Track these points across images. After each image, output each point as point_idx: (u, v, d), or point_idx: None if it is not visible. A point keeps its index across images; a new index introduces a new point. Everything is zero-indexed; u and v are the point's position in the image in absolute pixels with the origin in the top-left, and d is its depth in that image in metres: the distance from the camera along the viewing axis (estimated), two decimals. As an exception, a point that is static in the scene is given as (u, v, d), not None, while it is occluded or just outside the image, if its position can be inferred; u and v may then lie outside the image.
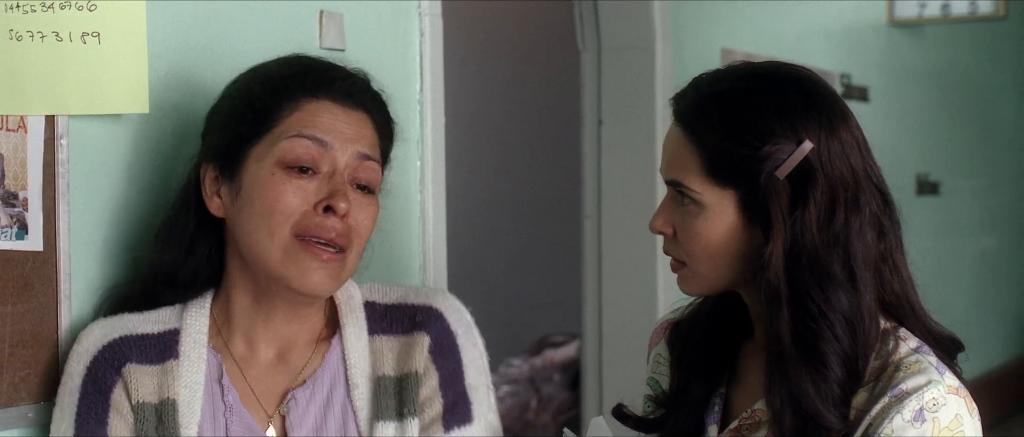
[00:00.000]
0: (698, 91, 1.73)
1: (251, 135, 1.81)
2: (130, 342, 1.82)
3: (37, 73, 1.81)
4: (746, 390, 1.78)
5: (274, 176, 1.78)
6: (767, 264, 1.64)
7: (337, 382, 1.85)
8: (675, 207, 1.74)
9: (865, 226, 1.66)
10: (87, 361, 1.81)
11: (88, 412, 1.79)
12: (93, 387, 1.80)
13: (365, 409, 1.84)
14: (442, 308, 1.89)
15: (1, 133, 1.79)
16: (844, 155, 1.66)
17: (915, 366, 1.64)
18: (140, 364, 1.81)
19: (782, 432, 1.65)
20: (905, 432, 1.60)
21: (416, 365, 1.84)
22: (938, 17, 5.23)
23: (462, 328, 1.89)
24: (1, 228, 1.79)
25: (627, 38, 3.61)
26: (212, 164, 1.85)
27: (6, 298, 1.80)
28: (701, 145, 1.68)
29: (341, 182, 1.79)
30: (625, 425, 1.88)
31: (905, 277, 1.70)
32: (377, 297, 1.91)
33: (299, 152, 1.78)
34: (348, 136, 1.81)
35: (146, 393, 1.80)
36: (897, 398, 1.62)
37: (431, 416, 1.84)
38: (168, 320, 1.86)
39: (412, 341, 1.86)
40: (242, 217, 1.81)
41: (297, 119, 1.80)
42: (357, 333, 1.87)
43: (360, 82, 1.88)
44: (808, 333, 1.63)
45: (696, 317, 1.85)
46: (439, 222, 2.59)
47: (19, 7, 1.80)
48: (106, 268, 1.94)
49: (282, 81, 1.83)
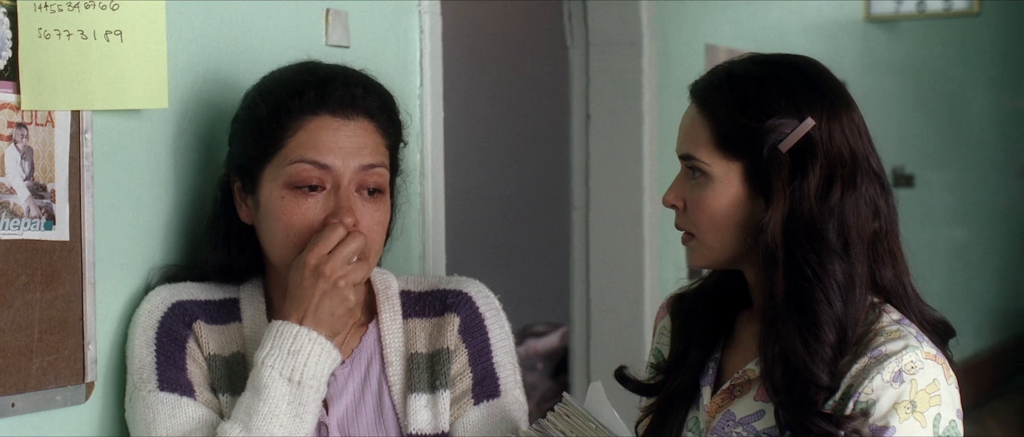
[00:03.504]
0: (714, 74, 1.85)
1: (262, 155, 1.94)
2: (195, 305, 1.97)
3: (64, 70, 1.88)
4: (739, 353, 1.90)
5: (284, 199, 1.91)
6: (766, 228, 1.75)
7: (373, 360, 1.99)
8: (685, 182, 1.85)
9: (861, 203, 1.77)
10: (159, 316, 1.95)
11: (168, 359, 1.92)
12: (168, 339, 1.93)
13: (399, 384, 1.98)
14: (471, 293, 2.04)
15: (31, 127, 1.86)
16: (844, 136, 1.78)
17: (895, 333, 1.75)
18: (208, 323, 1.96)
19: (773, 386, 1.75)
20: (884, 391, 1.70)
21: (447, 343, 1.99)
22: (914, 13, 5.31)
23: (490, 311, 2.04)
24: (31, 219, 1.86)
25: (614, 35, 3.68)
26: (237, 177, 1.98)
27: (35, 286, 1.87)
28: (712, 118, 1.80)
29: (346, 196, 1.91)
30: (626, 388, 1.99)
31: (900, 262, 1.81)
32: (412, 286, 2.06)
33: (304, 176, 1.90)
34: (349, 151, 1.92)
35: (216, 347, 1.95)
36: (876, 359, 1.72)
37: (462, 389, 1.98)
38: (227, 291, 2.01)
39: (443, 322, 2.00)
40: (264, 230, 1.95)
41: (299, 141, 1.91)
42: (392, 317, 2.01)
43: (358, 88, 1.97)
44: (802, 295, 1.74)
45: (699, 290, 1.97)
46: (438, 212, 2.67)
47: (46, 7, 1.86)
48: (128, 257, 2.02)
49: (284, 101, 1.93)
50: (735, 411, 1.84)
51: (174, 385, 1.91)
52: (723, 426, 1.85)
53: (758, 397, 1.82)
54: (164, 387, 1.91)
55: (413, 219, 2.59)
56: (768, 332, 1.77)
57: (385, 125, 1.99)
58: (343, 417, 1.97)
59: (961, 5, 5.28)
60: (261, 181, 1.94)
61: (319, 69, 1.99)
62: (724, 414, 1.85)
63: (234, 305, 2.00)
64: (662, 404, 1.94)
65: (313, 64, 2.01)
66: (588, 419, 1.84)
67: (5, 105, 1.83)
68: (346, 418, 1.97)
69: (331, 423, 1.95)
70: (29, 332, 1.86)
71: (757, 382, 1.83)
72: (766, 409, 1.81)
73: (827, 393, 1.73)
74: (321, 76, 1.96)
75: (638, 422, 1.99)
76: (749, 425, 1.82)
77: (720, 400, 1.87)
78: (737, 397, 1.85)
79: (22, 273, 1.85)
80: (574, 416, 1.84)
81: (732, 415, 1.85)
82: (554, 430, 1.84)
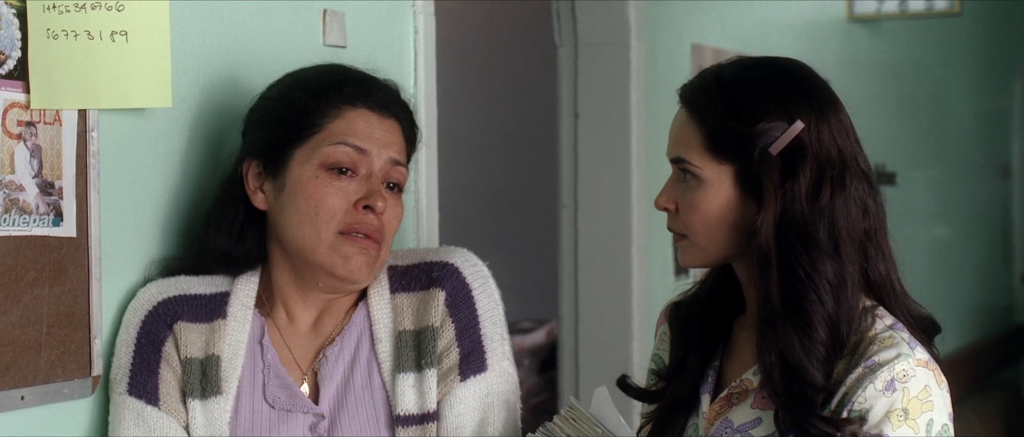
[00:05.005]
0: (703, 77, 1.88)
1: (295, 138, 1.98)
2: (183, 301, 2.00)
3: (71, 70, 1.92)
4: (737, 363, 1.92)
5: (318, 178, 1.96)
6: (758, 231, 1.78)
7: (363, 338, 2.02)
8: (677, 184, 1.87)
9: (850, 203, 1.80)
10: (142, 315, 1.99)
11: (142, 362, 1.96)
12: (147, 340, 1.97)
13: (388, 361, 2.00)
14: (458, 263, 2.05)
15: (40, 126, 1.90)
16: (833, 138, 1.80)
17: (888, 341, 1.78)
18: (190, 322, 1.99)
19: (773, 390, 1.79)
20: (877, 400, 1.74)
21: (433, 319, 2.00)
22: (896, 13, 5.32)
23: (478, 281, 2.05)
24: (40, 215, 1.90)
25: (602, 34, 3.71)
26: (256, 161, 2.01)
27: (44, 281, 1.91)
28: (703, 123, 1.83)
29: (377, 184, 1.98)
30: (627, 395, 2.02)
31: (888, 258, 1.85)
32: (399, 261, 2.08)
33: (341, 157, 1.96)
34: (383, 142, 2.00)
35: (194, 349, 1.97)
36: (870, 369, 1.75)
37: (448, 365, 2.00)
38: (220, 285, 2.04)
39: (428, 297, 2.02)
40: (287, 212, 1.98)
41: (338, 126, 1.98)
42: (380, 293, 2.04)
43: (392, 93, 2.07)
44: (795, 295, 1.77)
45: (695, 297, 2.00)
46: (432, 209, 2.71)
47: (55, 8, 1.90)
48: (132, 252, 2.06)
49: (324, 89, 2.00)
50: (733, 418, 1.87)
51: (142, 391, 1.96)
52: (721, 433, 1.88)
53: (755, 405, 1.86)
54: (132, 392, 1.96)
55: (408, 215, 2.63)
56: (765, 336, 1.80)
57: (408, 132, 2.08)
58: (334, 399, 1.99)
59: (943, 5, 5.30)
60: (290, 163, 1.99)
61: (352, 69, 2.08)
62: (722, 421, 1.88)
63: (223, 300, 2.03)
64: (663, 411, 1.96)
65: (347, 66, 2.09)
66: (594, 424, 1.86)
67: (15, 104, 1.87)
68: (337, 400, 1.99)
69: (323, 404, 1.99)
70: (38, 326, 1.90)
71: (754, 391, 1.85)
72: (763, 417, 1.84)
73: (824, 394, 1.76)
74: (358, 75, 2.06)
75: (639, 428, 2.01)
76: (746, 432, 1.85)
77: (718, 407, 1.90)
78: (735, 404, 1.88)
79: (31, 269, 1.89)
80: (580, 420, 1.86)
81: (730, 422, 1.87)
82: (560, 433, 1.85)
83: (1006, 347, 7.02)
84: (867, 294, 1.84)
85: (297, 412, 1.98)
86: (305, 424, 1.97)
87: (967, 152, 6.64)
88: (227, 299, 2.02)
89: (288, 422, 1.97)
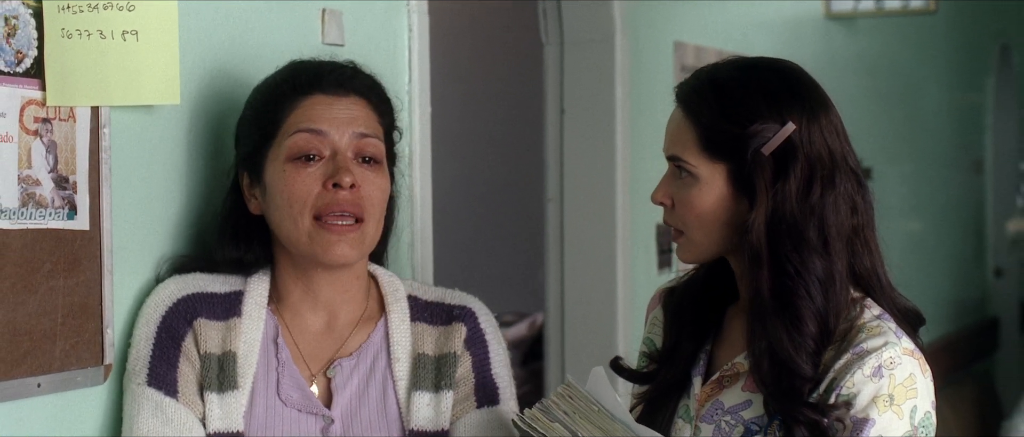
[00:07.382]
0: (698, 78, 1.94)
1: (264, 141, 2.07)
2: (201, 298, 2.07)
3: (84, 68, 1.97)
4: (728, 347, 1.99)
5: (286, 171, 2.03)
6: (750, 229, 1.84)
7: (380, 356, 2.11)
8: (673, 180, 1.94)
9: (839, 201, 1.86)
10: (163, 311, 2.04)
11: (161, 355, 2.02)
12: (167, 335, 2.03)
13: (404, 380, 2.09)
14: (475, 309, 2.17)
15: (55, 122, 1.96)
16: (823, 138, 1.87)
17: (876, 329, 1.85)
18: (209, 319, 2.05)
19: (760, 377, 1.86)
20: (864, 385, 1.81)
21: (454, 348, 2.11)
22: (872, 11, 5.36)
23: (490, 328, 2.17)
24: (55, 209, 1.96)
25: (588, 32, 3.76)
26: (245, 172, 2.10)
27: (58, 273, 1.97)
28: (698, 123, 1.89)
29: (343, 160, 2.03)
30: (620, 376, 2.10)
31: (875, 253, 1.91)
32: (419, 293, 2.18)
33: (301, 144, 2.03)
34: (343, 120, 2.05)
35: (212, 345, 2.04)
36: (858, 355, 1.82)
37: (466, 391, 2.10)
38: (234, 284, 2.10)
39: (451, 329, 2.13)
40: (271, 211, 2.06)
41: (295, 117, 2.05)
42: (400, 317, 2.13)
43: (347, 70, 2.12)
44: (785, 291, 1.84)
45: (689, 283, 2.07)
46: (426, 203, 2.77)
47: (69, 8, 1.96)
48: (142, 245, 2.12)
49: (280, 88, 2.09)
50: (724, 400, 1.94)
51: (161, 383, 2.01)
52: (712, 414, 1.94)
53: (745, 388, 1.92)
54: (152, 383, 2.02)
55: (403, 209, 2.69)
56: (755, 327, 1.86)
57: (376, 103, 2.12)
58: (346, 407, 2.07)
59: (918, 3, 5.34)
60: (265, 166, 2.06)
61: (309, 61, 2.14)
62: (713, 403, 1.95)
63: (238, 298, 2.10)
64: (655, 393, 2.03)
65: (303, 59, 2.15)
66: (590, 401, 1.91)
67: (32, 101, 1.93)
68: (349, 409, 2.07)
69: (335, 413, 2.06)
70: (53, 316, 1.96)
71: (745, 374, 1.92)
72: (753, 399, 1.90)
73: (812, 384, 1.82)
74: (313, 65, 2.12)
75: (631, 408, 2.07)
76: (737, 414, 1.92)
77: (709, 390, 1.96)
78: (726, 387, 1.94)
79: (47, 261, 1.95)
80: (577, 398, 1.91)
81: (721, 404, 1.94)
82: (557, 410, 1.90)
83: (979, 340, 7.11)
84: (854, 287, 1.90)
85: (308, 412, 2.05)
86: (316, 425, 2.05)
87: (941, 147, 6.70)
88: (241, 298, 2.09)
89: (300, 421, 2.05)
